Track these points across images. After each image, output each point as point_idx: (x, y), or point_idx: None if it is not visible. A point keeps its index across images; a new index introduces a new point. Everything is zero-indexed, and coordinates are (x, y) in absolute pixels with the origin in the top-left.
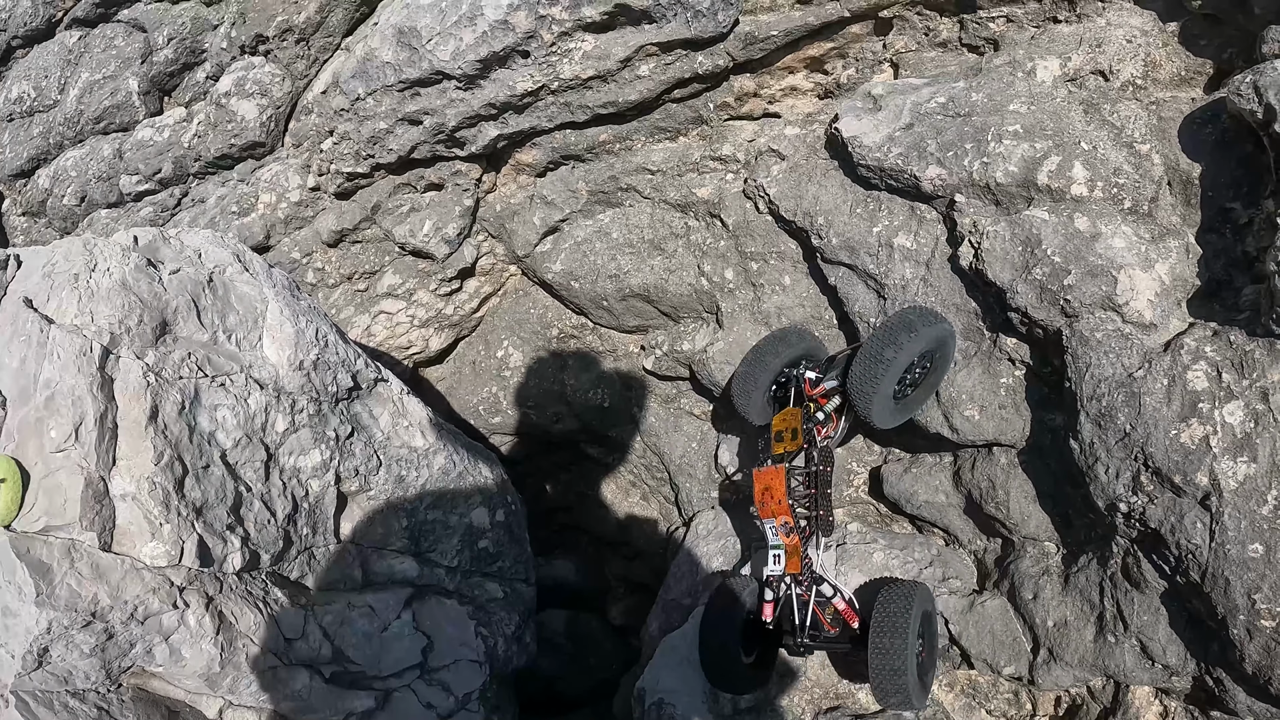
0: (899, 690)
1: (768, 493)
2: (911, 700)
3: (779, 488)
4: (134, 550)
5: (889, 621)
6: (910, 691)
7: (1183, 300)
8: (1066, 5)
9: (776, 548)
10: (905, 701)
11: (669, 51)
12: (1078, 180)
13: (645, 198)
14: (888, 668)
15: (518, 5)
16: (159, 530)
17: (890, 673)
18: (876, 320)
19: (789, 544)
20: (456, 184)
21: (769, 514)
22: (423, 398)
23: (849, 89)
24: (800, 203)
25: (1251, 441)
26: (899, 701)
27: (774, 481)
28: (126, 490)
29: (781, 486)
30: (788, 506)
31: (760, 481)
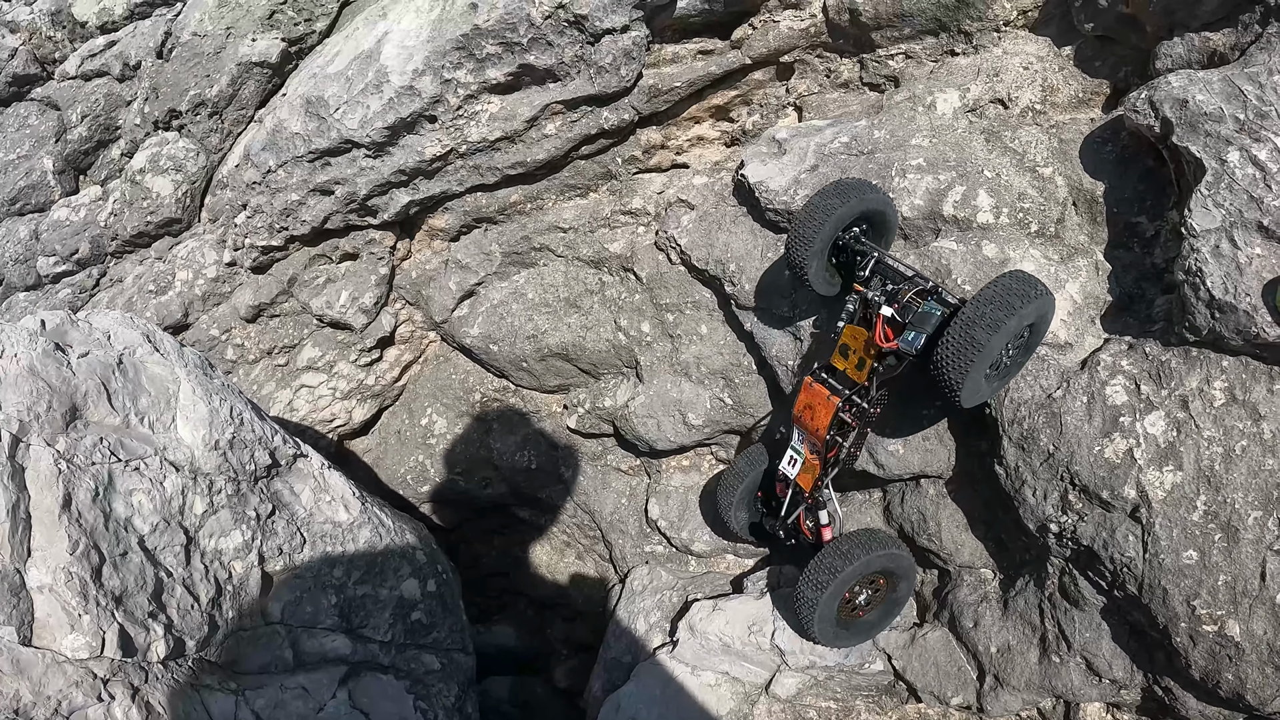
0: (803, 617)
1: (810, 411)
2: (811, 631)
3: (824, 418)
4: (54, 643)
5: (829, 559)
6: (811, 625)
7: (1096, 317)
8: (963, 38)
9: (797, 453)
10: (802, 630)
11: (574, 109)
12: (983, 208)
13: (559, 256)
14: (802, 596)
15: (422, 70)
16: (78, 621)
17: (802, 601)
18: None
19: (809, 460)
20: (371, 252)
21: (803, 426)
22: (349, 471)
23: (755, 135)
24: (711, 251)
25: (1175, 450)
26: (798, 625)
27: (821, 410)
28: (43, 582)
29: (827, 419)
30: (823, 435)
31: (808, 396)
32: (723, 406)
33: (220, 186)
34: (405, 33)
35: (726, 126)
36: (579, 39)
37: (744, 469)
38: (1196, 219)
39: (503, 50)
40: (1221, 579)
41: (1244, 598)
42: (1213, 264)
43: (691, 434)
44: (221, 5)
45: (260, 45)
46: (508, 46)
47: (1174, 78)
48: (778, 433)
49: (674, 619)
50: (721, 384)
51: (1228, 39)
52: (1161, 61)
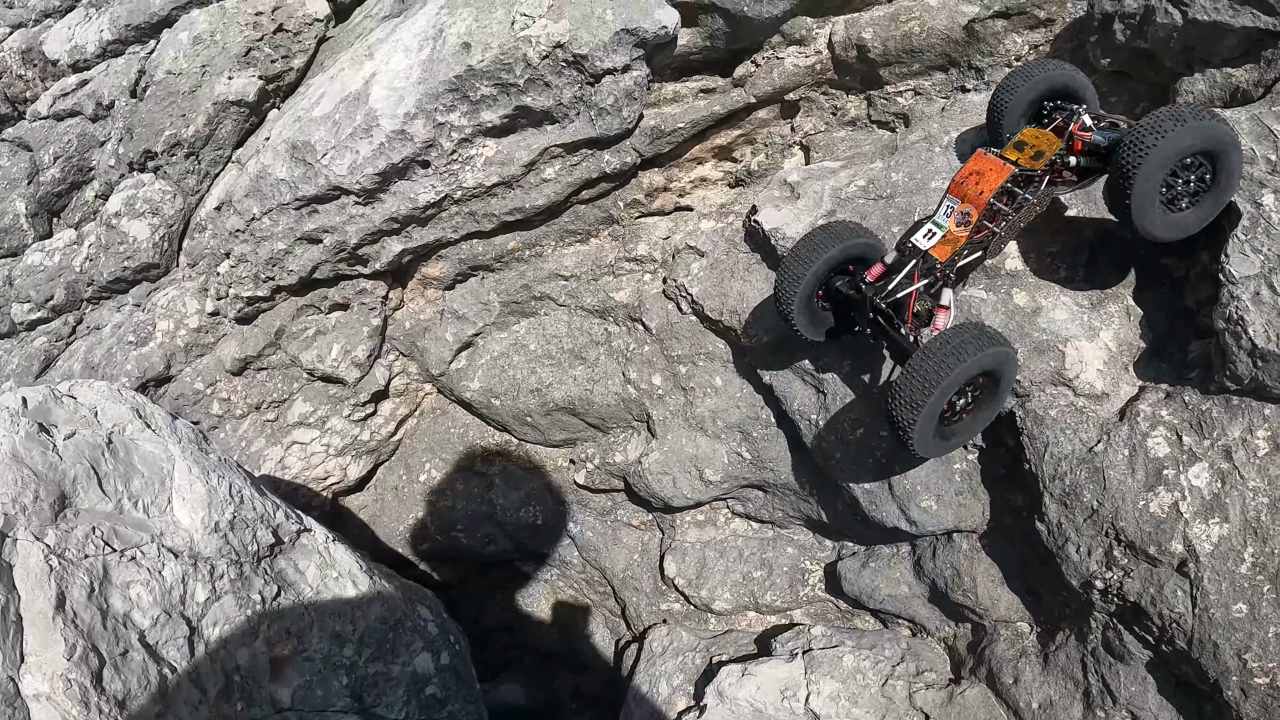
0: (907, 423)
1: (976, 177)
2: (913, 443)
3: (991, 184)
4: None
5: (938, 355)
6: (915, 434)
7: (1130, 364)
8: (974, 74)
9: (938, 226)
10: (906, 447)
11: (574, 152)
12: (1010, 254)
13: (561, 305)
14: (904, 397)
15: (414, 114)
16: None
17: (903, 403)
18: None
19: (953, 232)
20: (363, 303)
21: (959, 194)
22: (346, 529)
23: (760, 175)
24: (725, 301)
25: (1221, 502)
26: (900, 444)
27: (992, 174)
28: (40, 690)
29: (996, 184)
30: (984, 204)
31: (978, 164)
32: (741, 461)
33: (199, 229)
34: (394, 73)
35: (730, 167)
36: (578, 79)
37: (824, 242)
38: (1235, 265)
39: (498, 92)
40: (1272, 631)
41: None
42: (1254, 312)
43: (709, 490)
44: (196, 43)
45: (237, 84)
46: (503, 88)
47: None
48: None
49: (698, 682)
50: (739, 438)
51: (1251, 75)
52: (1182, 98)
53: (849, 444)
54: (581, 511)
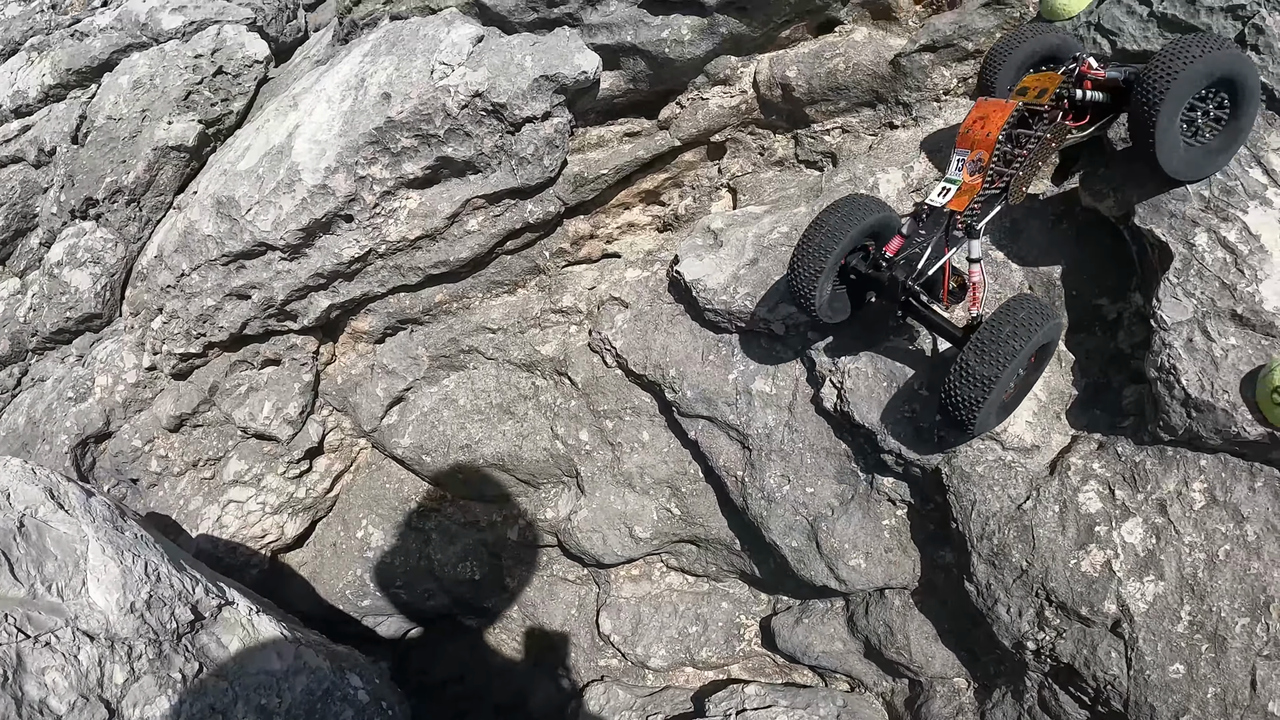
0: (967, 412)
1: (981, 123)
2: (971, 430)
3: (997, 121)
4: None
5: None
6: (977, 409)
7: (1061, 412)
8: (902, 110)
9: (951, 181)
10: (965, 430)
11: (497, 202)
12: None
13: (489, 359)
14: (972, 381)
15: (335, 168)
16: None
17: (972, 384)
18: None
19: (967, 182)
20: (294, 359)
21: (967, 144)
22: (287, 587)
23: (688, 219)
24: (649, 354)
25: (1156, 559)
26: (959, 426)
27: (996, 114)
28: None
29: (1001, 121)
30: (992, 143)
31: (981, 110)
32: (670, 517)
33: (140, 279)
34: (317, 126)
35: (658, 211)
36: (498, 129)
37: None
38: (1166, 310)
39: (419, 143)
40: (1211, 691)
41: (1235, 709)
42: (1187, 360)
43: (639, 546)
44: (136, 87)
45: (176, 128)
46: (424, 139)
47: None
48: None
49: None
50: (668, 493)
51: None
52: (1115, 131)
53: (775, 500)
54: (518, 566)
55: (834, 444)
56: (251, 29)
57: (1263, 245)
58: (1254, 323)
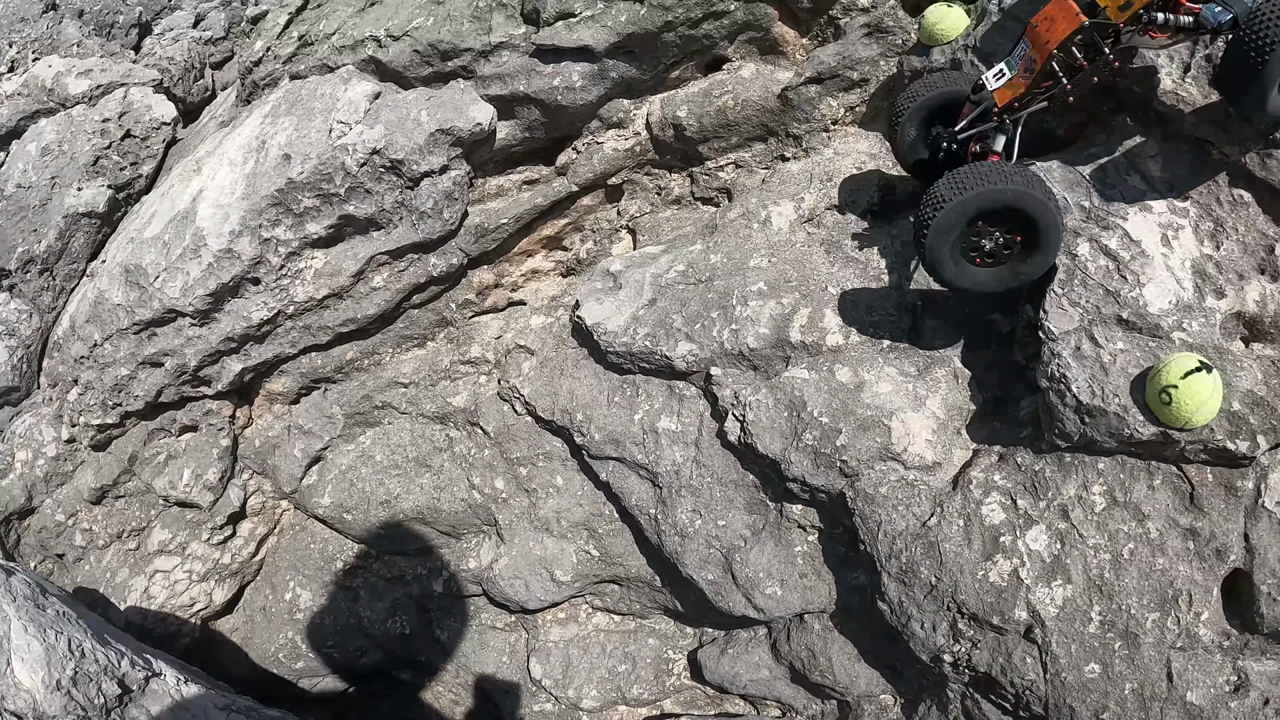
0: (920, 220)
1: (1047, 22)
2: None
3: (1062, 29)
4: None
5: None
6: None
7: (962, 427)
8: (793, 142)
9: (1008, 68)
10: (920, 239)
11: (401, 258)
12: (831, 329)
13: (403, 413)
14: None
15: (239, 231)
16: None
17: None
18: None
19: (1017, 79)
20: (210, 424)
21: (1031, 39)
22: (220, 654)
23: (590, 263)
24: (556, 400)
25: (1062, 563)
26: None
27: (1063, 22)
28: None
29: (1065, 31)
30: (1049, 51)
31: (1054, 9)
32: (590, 559)
33: (55, 349)
34: (220, 189)
35: (561, 256)
36: (398, 184)
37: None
38: (1053, 321)
39: (321, 202)
40: (1128, 687)
41: (1154, 702)
42: (1076, 368)
43: (562, 590)
44: (45, 154)
45: (86, 195)
46: (325, 198)
47: None
48: None
49: None
50: (585, 535)
51: (1062, 120)
52: None
53: (688, 535)
54: (447, 618)
55: (742, 476)
56: (158, 90)
57: (1144, 250)
58: (1140, 326)
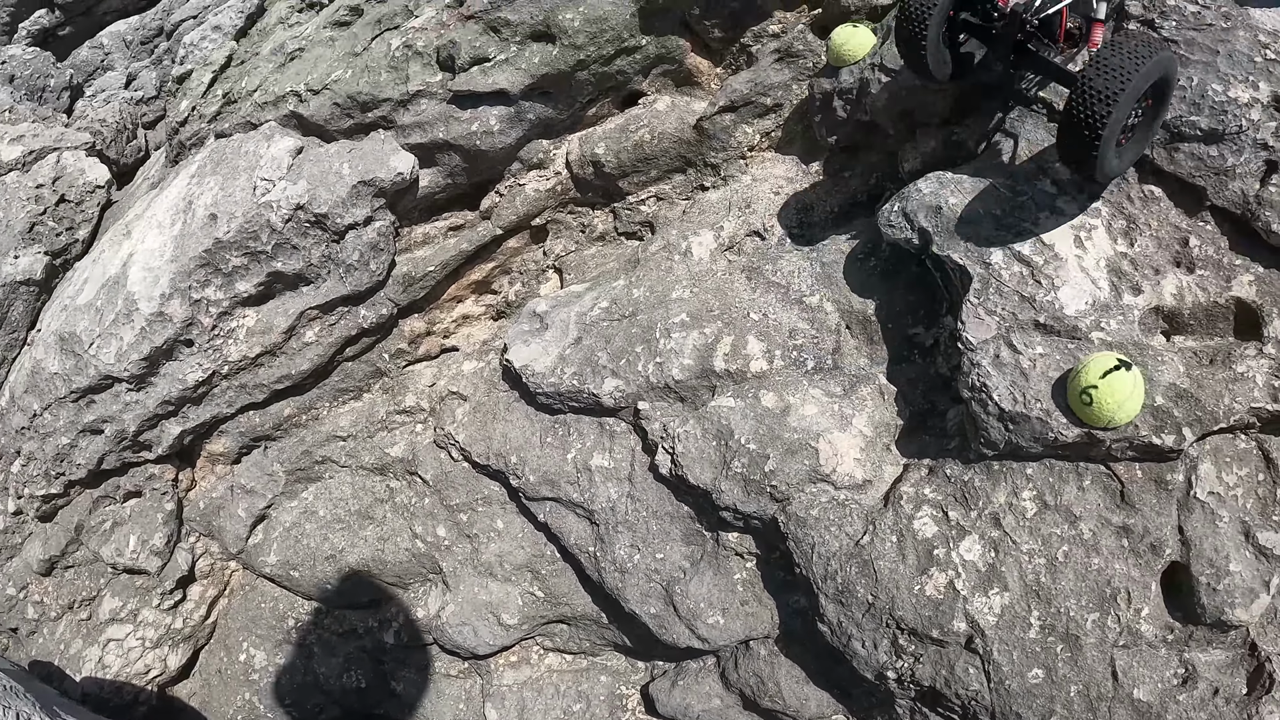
0: (1092, 131)
1: None
2: (1095, 157)
3: None
4: None
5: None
6: (1102, 145)
7: (891, 443)
8: (711, 171)
9: None
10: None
11: (330, 311)
12: (755, 355)
13: (343, 466)
14: (1095, 98)
15: (170, 294)
16: None
17: (1096, 101)
18: (596, 549)
19: None
20: (154, 489)
21: None
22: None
23: (519, 305)
24: (490, 444)
25: (998, 571)
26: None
27: None
28: None
29: None
30: None
31: None
32: (535, 600)
33: None
34: (150, 252)
35: (491, 299)
36: (324, 238)
37: None
38: (971, 331)
39: (249, 260)
40: (1074, 689)
41: (1100, 702)
42: (996, 376)
43: (510, 633)
44: None
45: (23, 262)
46: (253, 256)
47: (924, 183)
48: None
49: None
50: (529, 577)
51: (972, 130)
52: (909, 163)
53: (628, 571)
54: (401, 669)
55: (676, 508)
56: (91, 154)
57: (1057, 253)
58: (1058, 329)
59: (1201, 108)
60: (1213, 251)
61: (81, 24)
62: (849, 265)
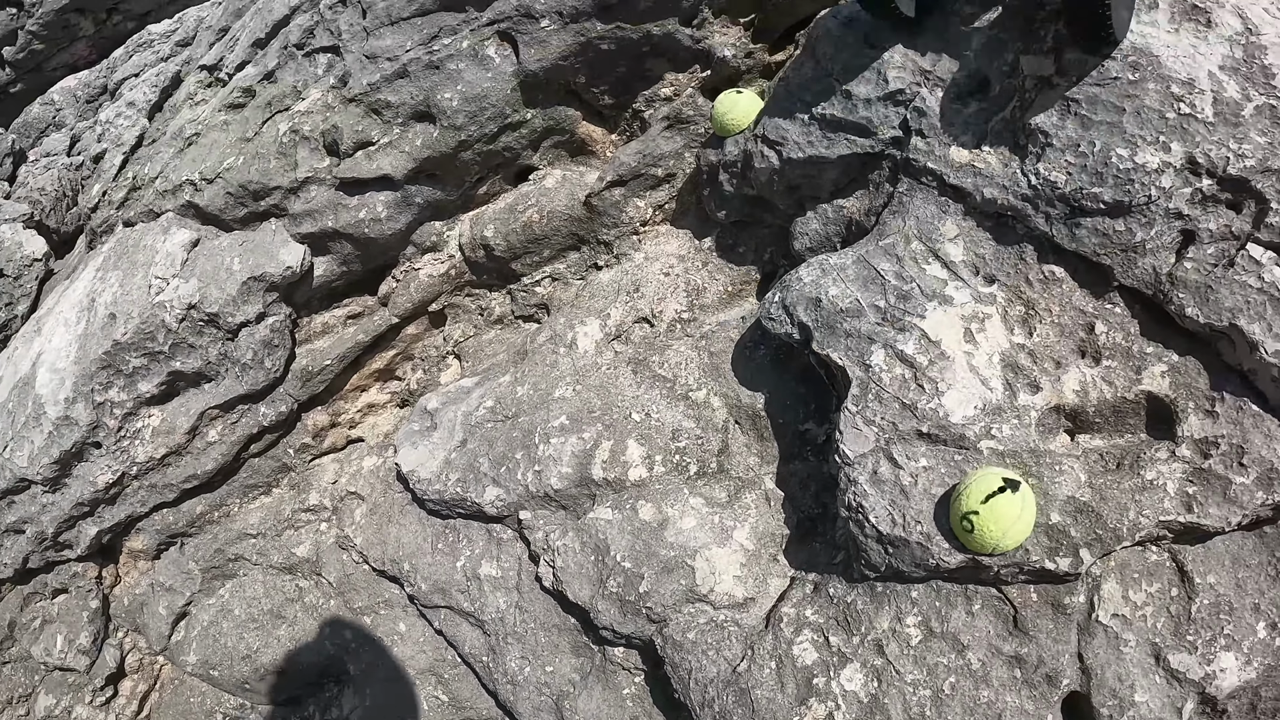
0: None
1: None
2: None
3: None
4: None
5: None
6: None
7: (779, 552)
8: (604, 249)
9: None
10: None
11: (231, 410)
12: (634, 462)
13: (255, 564)
14: None
15: (74, 398)
16: None
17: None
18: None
19: None
20: (78, 586)
21: None
22: None
23: (421, 393)
24: (385, 549)
25: (880, 703)
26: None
27: None
28: None
29: None
30: None
31: None
32: (440, 704)
33: None
34: (57, 352)
35: (395, 386)
36: (219, 336)
37: None
38: (848, 443)
39: (149, 360)
40: None
41: None
42: (874, 495)
43: None
44: None
45: None
46: (152, 356)
47: (806, 271)
48: None
49: None
50: (434, 681)
51: (861, 203)
52: (799, 241)
53: (519, 684)
54: None
55: (564, 619)
56: (29, 225)
57: (944, 352)
58: (943, 438)
59: (1105, 177)
60: (1121, 338)
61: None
62: (738, 355)
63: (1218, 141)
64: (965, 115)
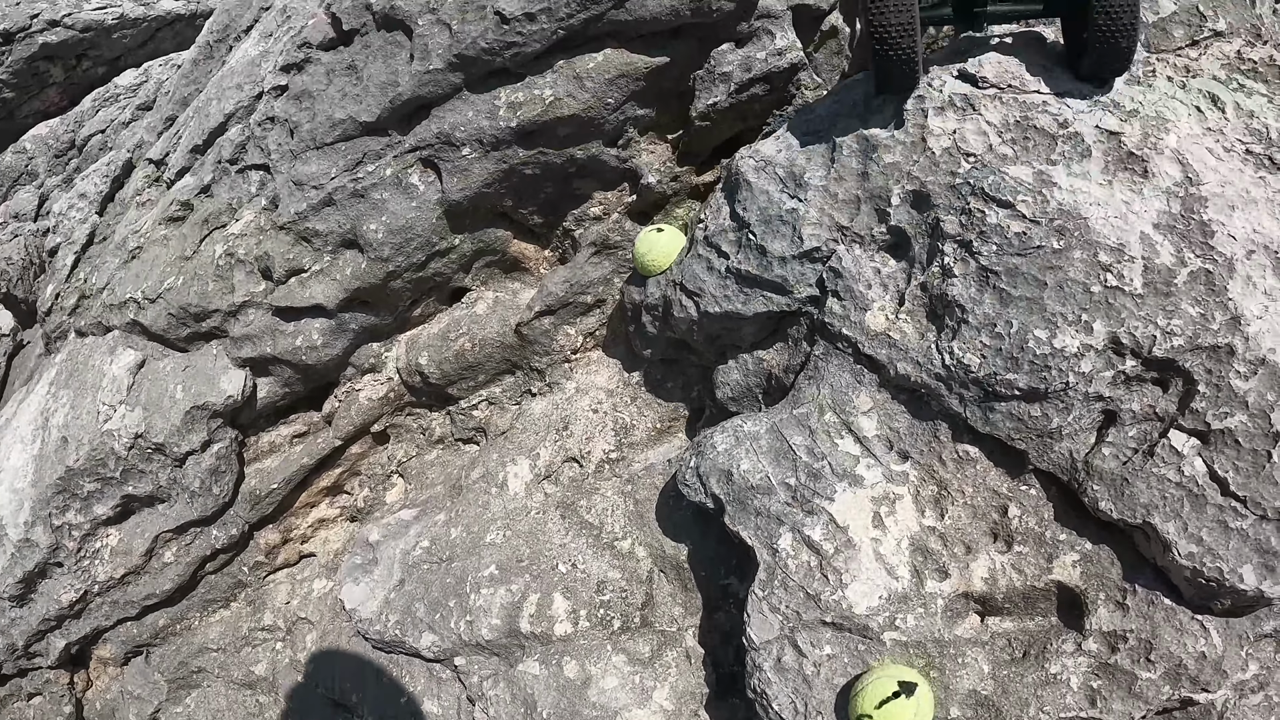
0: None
1: None
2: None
3: None
4: None
5: None
6: None
7: (699, 708)
8: (537, 376)
9: None
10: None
11: (184, 533)
12: (559, 616)
13: (217, 677)
14: None
15: (32, 521)
16: None
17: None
18: None
19: None
20: (51, 692)
21: None
22: None
23: (368, 511)
24: (335, 681)
25: None
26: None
27: None
28: None
29: None
30: None
31: None
32: None
33: None
34: (15, 471)
35: (344, 501)
36: (167, 463)
37: None
38: (754, 629)
39: (102, 485)
40: None
41: None
42: (777, 683)
43: None
44: None
45: None
46: (105, 481)
47: (720, 438)
48: None
49: None
50: None
51: (780, 358)
52: (721, 390)
53: None
54: None
55: None
56: None
57: (850, 539)
58: (848, 627)
59: (1020, 362)
60: (1035, 523)
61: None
62: (662, 504)
63: (1145, 318)
64: (884, 275)
